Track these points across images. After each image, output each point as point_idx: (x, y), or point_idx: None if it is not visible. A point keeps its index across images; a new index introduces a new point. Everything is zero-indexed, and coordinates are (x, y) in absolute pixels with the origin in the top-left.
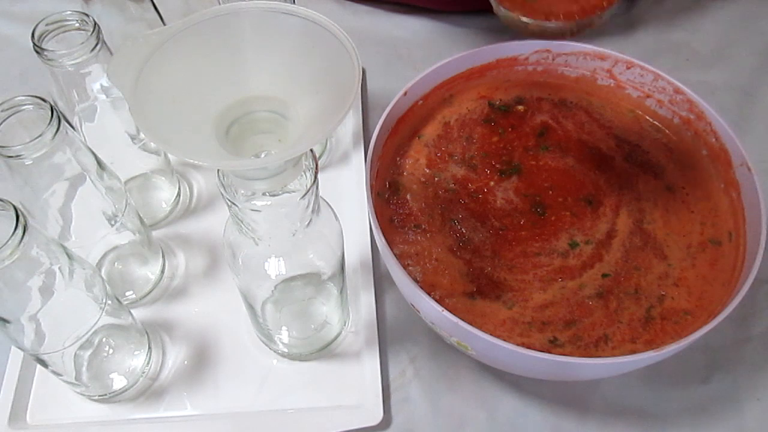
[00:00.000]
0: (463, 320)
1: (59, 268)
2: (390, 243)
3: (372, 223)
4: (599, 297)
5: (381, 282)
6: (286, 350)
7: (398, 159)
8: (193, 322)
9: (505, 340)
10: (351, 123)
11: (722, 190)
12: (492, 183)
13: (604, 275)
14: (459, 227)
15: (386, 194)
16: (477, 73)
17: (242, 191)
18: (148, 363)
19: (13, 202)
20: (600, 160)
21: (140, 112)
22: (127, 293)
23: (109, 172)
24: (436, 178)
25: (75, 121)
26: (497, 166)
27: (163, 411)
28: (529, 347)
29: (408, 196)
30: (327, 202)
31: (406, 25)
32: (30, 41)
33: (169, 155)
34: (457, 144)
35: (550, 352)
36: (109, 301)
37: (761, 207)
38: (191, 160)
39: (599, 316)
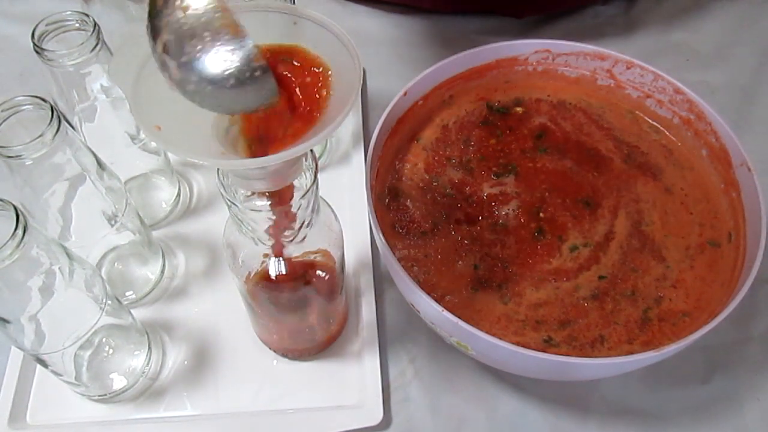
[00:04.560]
0: (462, 318)
1: (59, 268)
2: (390, 243)
3: (372, 224)
4: (594, 298)
5: (381, 282)
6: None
7: (397, 162)
8: (193, 322)
9: (500, 338)
10: (351, 123)
11: (722, 190)
12: (489, 186)
13: (601, 277)
14: (457, 229)
15: (386, 196)
16: (477, 74)
17: (242, 191)
18: (148, 363)
19: (13, 202)
20: (598, 161)
21: (140, 112)
22: (127, 293)
23: (109, 172)
24: (434, 183)
25: (75, 121)
26: (494, 169)
27: (163, 411)
28: (524, 346)
29: (407, 199)
30: (327, 202)
31: (406, 25)
32: (30, 41)
33: (169, 155)
34: (455, 147)
35: (545, 352)
36: (109, 301)
37: (761, 207)
38: (191, 160)
39: (594, 317)
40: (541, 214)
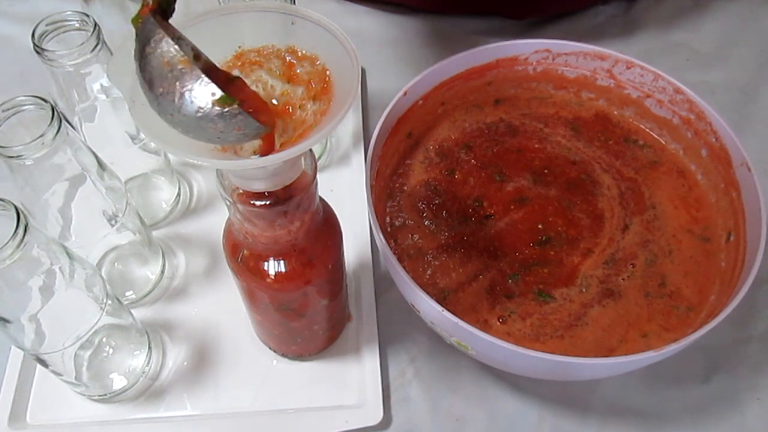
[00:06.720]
0: (462, 318)
1: (59, 268)
2: (390, 243)
3: (372, 224)
4: (595, 300)
5: (381, 282)
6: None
7: (397, 161)
8: (193, 322)
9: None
10: (351, 123)
11: (722, 190)
12: (490, 186)
13: (603, 276)
14: (457, 229)
15: (386, 196)
16: (477, 73)
17: (242, 191)
18: (148, 363)
19: (14, 202)
20: (599, 162)
21: (140, 113)
22: (127, 293)
23: (109, 172)
24: (434, 183)
25: (75, 121)
26: (495, 169)
27: (163, 411)
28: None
29: (407, 199)
30: (327, 202)
31: (406, 25)
32: (30, 41)
33: (169, 155)
34: (455, 147)
35: (545, 352)
36: (109, 301)
37: (761, 207)
38: (191, 160)
39: (595, 318)
40: (543, 214)
